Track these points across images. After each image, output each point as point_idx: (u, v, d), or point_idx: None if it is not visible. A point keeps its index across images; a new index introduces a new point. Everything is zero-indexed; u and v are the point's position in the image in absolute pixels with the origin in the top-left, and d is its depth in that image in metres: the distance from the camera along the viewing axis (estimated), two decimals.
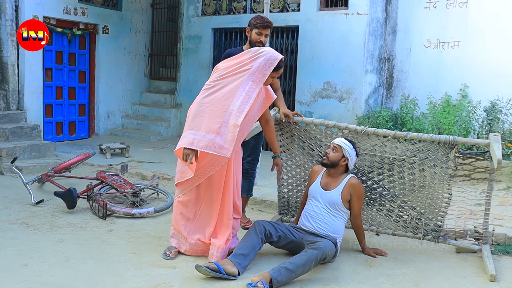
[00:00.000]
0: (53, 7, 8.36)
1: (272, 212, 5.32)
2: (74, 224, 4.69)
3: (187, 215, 4.00)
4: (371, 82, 8.11)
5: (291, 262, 3.57)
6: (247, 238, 3.81)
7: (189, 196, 3.98)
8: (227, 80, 3.79)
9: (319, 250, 3.69)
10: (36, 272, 3.58)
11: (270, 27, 4.59)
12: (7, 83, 7.89)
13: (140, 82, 10.57)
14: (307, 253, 3.67)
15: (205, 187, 3.96)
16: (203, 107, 3.75)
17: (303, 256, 3.63)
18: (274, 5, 8.84)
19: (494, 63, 7.32)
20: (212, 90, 3.78)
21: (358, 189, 4.10)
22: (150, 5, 10.70)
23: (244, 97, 3.74)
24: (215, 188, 3.94)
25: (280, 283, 3.46)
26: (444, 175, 4.15)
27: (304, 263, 3.59)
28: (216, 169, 3.87)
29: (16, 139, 7.34)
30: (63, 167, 5.99)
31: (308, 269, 3.63)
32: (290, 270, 3.52)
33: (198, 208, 3.99)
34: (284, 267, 3.52)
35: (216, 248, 3.87)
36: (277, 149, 4.37)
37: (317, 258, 3.66)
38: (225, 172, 3.91)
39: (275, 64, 3.81)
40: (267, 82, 3.91)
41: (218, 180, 3.93)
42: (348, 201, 4.09)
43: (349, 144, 4.13)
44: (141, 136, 9.53)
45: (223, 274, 3.52)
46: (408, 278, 3.76)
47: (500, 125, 7.02)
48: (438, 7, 7.82)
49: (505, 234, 4.51)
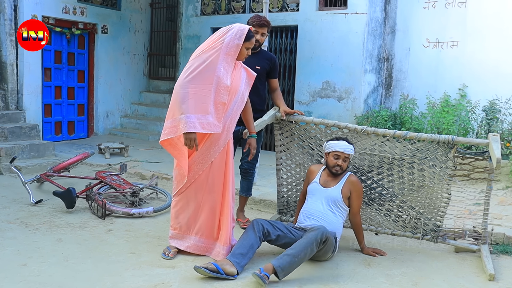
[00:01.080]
0: (52, 7, 8.35)
1: (271, 212, 5.32)
2: (73, 224, 4.68)
3: (189, 212, 3.99)
4: (370, 82, 8.11)
5: (291, 248, 3.61)
6: (245, 237, 3.81)
7: (188, 192, 3.96)
8: (203, 57, 3.79)
9: (318, 231, 3.72)
10: (35, 272, 3.58)
11: (266, 26, 4.60)
12: (6, 82, 7.88)
13: (139, 81, 10.57)
14: (307, 236, 3.71)
15: (205, 180, 3.93)
16: (188, 90, 3.73)
17: (303, 240, 3.67)
18: (273, 5, 8.83)
19: (493, 62, 7.33)
20: (191, 70, 3.77)
21: (358, 186, 4.17)
22: (149, 5, 10.70)
23: (223, 72, 3.80)
24: (216, 181, 3.93)
25: (284, 270, 3.49)
26: (443, 174, 4.15)
27: (305, 246, 3.61)
28: (215, 155, 3.87)
29: (15, 138, 7.33)
30: (62, 166, 5.98)
31: (311, 251, 3.64)
32: (292, 255, 3.54)
33: (199, 203, 3.97)
34: (285, 254, 3.56)
35: (222, 245, 3.90)
36: (252, 129, 4.29)
37: (317, 239, 3.67)
38: (224, 163, 3.93)
39: (245, 33, 3.87)
40: (241, 55, 3.93)
41: (218, 172, 3.92)
42: (347, 198, 4.13)
43: (352, 147, 4.19)
44: (140, 135, 9.53)
45: (222, 275, 3.52)
46: (407, 278, 3.76)
47: (499, 124, 7.02)
48: (437, 7, 7.83)
49: (504, 233, 4.51)
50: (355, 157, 4.41)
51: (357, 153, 4.39)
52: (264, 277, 3.39)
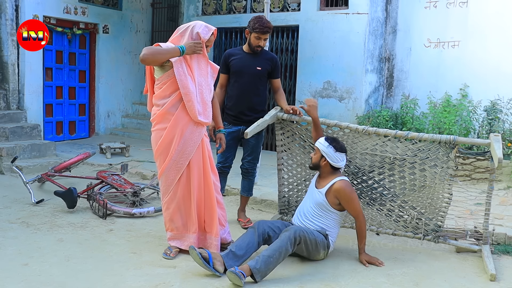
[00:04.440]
0: (53, 7, 8.36)
1: (272, 212, 5.32)
2: (74, 224, 4.69)
3: (181, 212, 4.02)
4: (371, 82, 8.10)
5: (266, 249, 3.63)
6: (245, 238, 3.81)
7: (176, 192, 3.98)
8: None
9: (290, 231, 3.73)
10: (36, 271, 3.58)
11: (269, 32, 4.59)
12: (7, 82, 7.88)
13: (140, 81, 10.56)
14: (280, 237, 3.73)
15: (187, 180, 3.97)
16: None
17: (277, 240, 3.69)
18: (275, 5, 8.83)
19: (495, 62, 7.32)
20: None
21: (343, 193, 3.97)
22: (150, 5, 10.70)
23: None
24: (196, 178, 3.95)
25: (261, 271, 3.50)
26: (445, 175, 4.15)
27: (280, 246, 3.62)
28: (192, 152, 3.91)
29: (16, 138, 7.34)
30: (63, 166, 5.99)
31: (286, 251, 3.64)
32: (267, 255, 3.55)
33: (189, 202, 4.00)
34: (261, 254, 3.57)
35: (214, 236, 3.98)
36: (220, 124, 4.35)
37: (290, 239, 3.67)
38: (201, 159, 3.97)
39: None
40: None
41: (197, 169, 3.95)
42: (338, 204, 4.03)
43: (324, 142, 4.07)
44: (141, 135, 9.53)
45: (209, 266, 3.54)
46: (408, 278, 3.76)
47: (501, 124, 7.02)
48: (438, 7, 7.82)
49: (505, 233, 4.51)
50: (356, 157, 4.40)
51: (359, 153, 4.39)
52: (240, 274, 3.40)
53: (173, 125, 3.85)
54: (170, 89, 3.85)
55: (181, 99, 3.85)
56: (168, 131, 3.86)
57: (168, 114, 3.85)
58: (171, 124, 3.85)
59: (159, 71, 3.89)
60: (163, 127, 3.88)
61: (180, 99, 3.85)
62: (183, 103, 3.85)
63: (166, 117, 3.86)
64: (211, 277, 3.55)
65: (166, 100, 3.85)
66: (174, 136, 3.86)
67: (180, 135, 3.87)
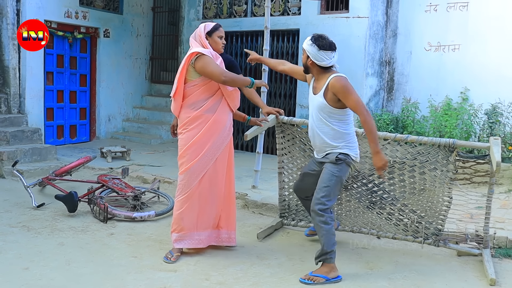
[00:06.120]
0: (54, 11, 8.38)
1: (273, 215, 5.31)
2: (75, 228, 4.69)
3: (195, 211, 4.05)
4: (372, 85, 8.11)
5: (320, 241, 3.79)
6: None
7: (195, 190, 4.03)
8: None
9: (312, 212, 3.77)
10: (37, 275, 3.58)
11: None
12: (8, 86, 7.90)
13: (141, 85, 10.58)
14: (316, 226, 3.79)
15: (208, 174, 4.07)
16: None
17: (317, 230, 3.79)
18: (275, 9, 8.85)
19: (495, 66, 7.32)
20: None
21: (338, 88, 3.73)
22: (151, 9, 10.72)
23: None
24: (220, 174, 4.13)
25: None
26: (445, 178, 4.15)
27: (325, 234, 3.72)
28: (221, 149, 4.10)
29: (17, 142, 7.35)
30: (64, 170, 5.99)
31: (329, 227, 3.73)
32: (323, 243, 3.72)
33: (204, 200, 4.07)
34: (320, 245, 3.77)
35: (231, 230, 4.24)
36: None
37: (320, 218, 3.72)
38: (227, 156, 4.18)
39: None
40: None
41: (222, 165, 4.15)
42: (338, 101, 3.78)
43: (307, 40, 3.90)
44: (142, 139, 9.54)
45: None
46: (409, 282, 3.76)
47: (501, 128, 7.02)
48: (438, 11, 7.83)
49: (506, 237, 4.50)
50: None
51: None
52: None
53: (210, 126, 4.02)
54: (206, 93, 4.03)
55: (218, 102, 4.07)
56: (204, 131, 4.02)
57: (204, 116, 4.02)
58: (208, 126, 4.01)
59: (195, 73, 4.00)
60: (198, 127, 4.02)
61: (216, 102, 4.06)
62: (220, 106, 4.07)
63: (202, 119, 4.02)
64: (212, 282, 3.54)
65: (202, 103, 4.02)
66: (210, 135, 4.03)
67: (216, 136, 4.06)
